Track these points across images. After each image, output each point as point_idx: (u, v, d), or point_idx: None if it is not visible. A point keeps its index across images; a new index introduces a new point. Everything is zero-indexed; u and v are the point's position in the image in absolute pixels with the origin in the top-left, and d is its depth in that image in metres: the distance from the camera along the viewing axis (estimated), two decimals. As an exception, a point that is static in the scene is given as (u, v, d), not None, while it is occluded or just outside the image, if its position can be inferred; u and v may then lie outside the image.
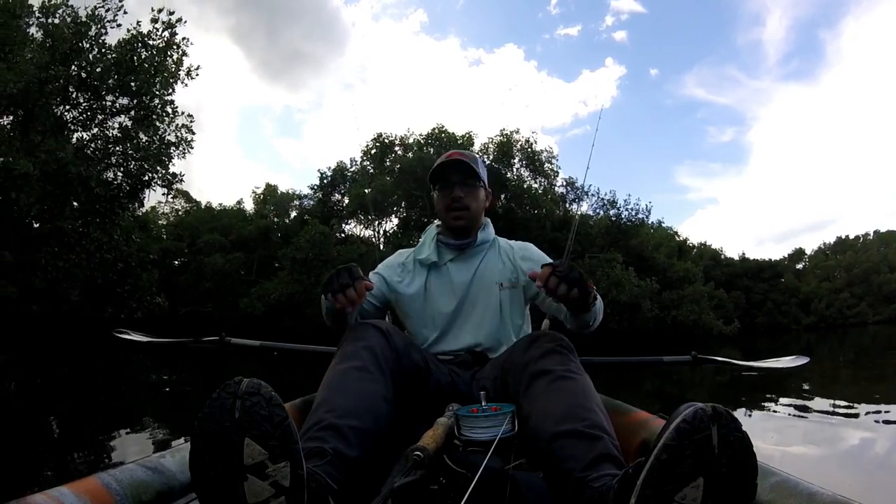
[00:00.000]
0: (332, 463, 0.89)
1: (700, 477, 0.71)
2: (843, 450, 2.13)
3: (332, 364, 1.15)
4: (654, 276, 18.95)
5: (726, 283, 32.45)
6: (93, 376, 7.12)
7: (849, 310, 36.71)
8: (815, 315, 36.42)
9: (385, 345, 1.18)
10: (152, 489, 0.86)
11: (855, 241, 44.05)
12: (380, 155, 22.97)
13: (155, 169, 14.77)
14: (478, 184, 1.57)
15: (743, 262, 36.53)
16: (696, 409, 0.72)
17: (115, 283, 15.16)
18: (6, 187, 11.72)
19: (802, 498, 0.76)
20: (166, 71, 14.12)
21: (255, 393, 0.75)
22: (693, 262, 25.64)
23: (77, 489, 0.76)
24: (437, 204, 1.59)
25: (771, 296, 35.57)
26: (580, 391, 1.05)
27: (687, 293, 19.84)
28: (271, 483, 0.74)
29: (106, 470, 0.83)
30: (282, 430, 0.74)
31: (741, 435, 0.73)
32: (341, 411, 0.99)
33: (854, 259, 39.79)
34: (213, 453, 0.74)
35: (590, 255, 19.09)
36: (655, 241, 22.27)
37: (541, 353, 1.14)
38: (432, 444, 0.93)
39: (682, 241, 30.00)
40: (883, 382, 5.63)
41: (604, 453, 0.91)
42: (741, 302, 32.64)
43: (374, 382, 1.09)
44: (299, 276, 19.24)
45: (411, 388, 1.22)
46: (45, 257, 13.03)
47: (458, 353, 1.48)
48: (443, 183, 1.55)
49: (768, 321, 34.40)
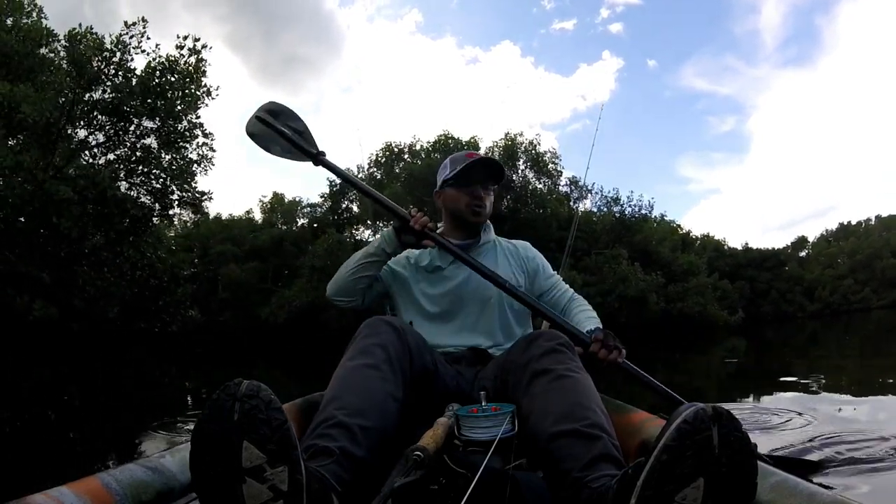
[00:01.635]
0: (340, 462, 0.86)
1: (700, 477, 0.69)
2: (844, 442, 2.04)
3: (345, 359, 1.11)
4: (659, 271, 18.92)
5: (731, 274, 31.89)
6: (147, 385, 7.15)
7: (853, 296, 35.96)
8: (819, 302, 35.74)
9: (398, 344, 1.14)
10: (152, 489, 0.83)
11: (857, 227, 43.08)
12: (389, 163, 22.95)
13: (182, 187, 14.86)
14: (496, 188, 1.56)
15: (746, 252, 35.91)
16: (696, 409, 0.69)
17: (149, 298, 15.28)
18: (48, 212, 11.85)
19: (802, 498, 0.73)
20: (192, 96, 14.22)
21: (254, 396, 0.73)
22: (697, 255, 25.43)
23: (77, 489, 0.74)
24: (456, 201, 1.53)
25: (775, 284, 34.96)
26: (580, 390, 1.01)
27: (691, 286, 19.81)
28: (269, 487, 0.72)
29: (106, 470, 0.81)
30: (280, 434, 0.72)
31: (741, 435, 0.70)
32: (351, 409, 0.95)
33: (856, 245, 38.99)
34: (212, 454, 0.72)
35: (595, 251, 18.99)
36: (659, 236, 22.01)
37: (541, 353, 1.10)
38: (432, 444, 0.90)
39: (685, 233, 29.66)
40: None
41: (603, 453, 0.88)
42: (746, 292, 32.12)
43: (385, 382, 1.05)
44: (318, 284, 19.38)
45: (419, 388, 1.19)
46: (82, 277, 13.15)
47: (460, 350, 1.44)
48: (468, 180, 1.51)
49: (773, 310, 33.81)
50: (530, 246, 1.65)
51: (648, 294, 17.75)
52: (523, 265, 1.59)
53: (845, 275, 37.10)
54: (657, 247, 20.64)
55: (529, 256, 1.61)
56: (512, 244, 1.64)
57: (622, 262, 18.05)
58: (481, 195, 1.51)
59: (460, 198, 1.52)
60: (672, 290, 19.28)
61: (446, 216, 1.59)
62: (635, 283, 17.53)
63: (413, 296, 1.53)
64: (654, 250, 20.36)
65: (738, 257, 35.05)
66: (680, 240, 25.69)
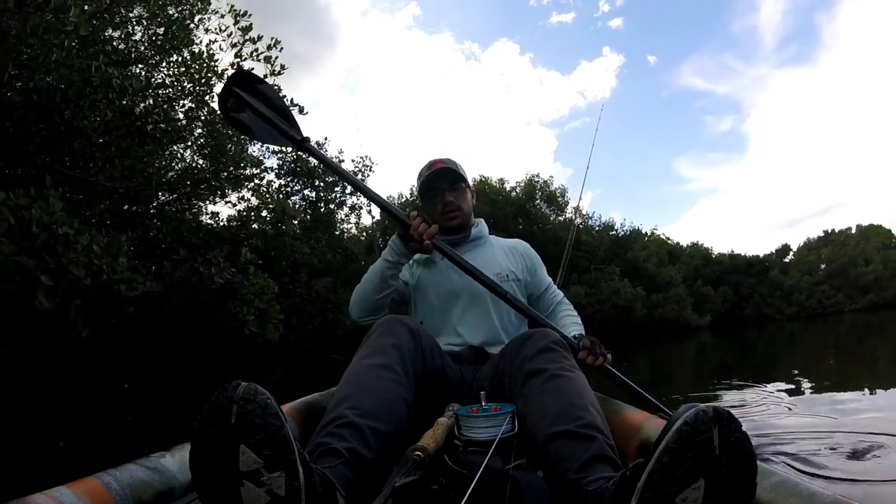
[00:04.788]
0: (348, 464, 0.80)
1: (701, 478, 0.63)
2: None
3: (359, 356, 1.03)
4: (643, 285, 21.40)
5: (717, 279, 32.16)
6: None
7: (827, 300, 35.85)
8: (796, 305, 35.57)
9: (413, 345, 1.07)
10: (152, 489, 0.78)
11: (839, 236, 42.84)
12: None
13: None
14: (464, 185, 1.51)
15: (732, 259, 35.88)
16: (697, 410, 0.63)
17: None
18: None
19: (802, 498, 0.67)
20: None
21: (251, 400, 0.67)
22: (684, 263, 28.04)
23: (77, 489, 0.69)
24: (431, 212, 1.50)
25: (759, 289, 34.84)
26: (574, 390, 0.95)
27: (670, 295, 22.44)
28: (266, 491, 0.66)
29: (106, 470, 0.76)
30: (277, 440, 0.66)
31: (742, 435, 0.65)
32: (363, 410, 0.89)
33: (834, 253, 38.84)
34: (211, 456, 0.67)
35: (594, 266, 20.90)
36: (647, 252, 24.33)
37: (534, 352, 1.04)
38: (432, 444, 0.85)
39: (674, 245, 30.81)
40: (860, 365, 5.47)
41: (598, 454, 0.82)
42: (730, 296, 32.10)
43: (398, 384, 0.98)
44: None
45: (428, 390, 1.12)
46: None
47: (461, 349, 1.39)
48: (433, 192, 1.49)
49: (756, 312, 33.72)
50: (529, 245, 1.63)
51: (634, 303, 20.04)
52: (524, 261, 1.56)
53: (822, 281, 36.98)
54: (644, 263, 23.11)
55: (530, 255, 1.59)
56: (511, 242, 1.61)
57: (615, 278, 20.31)
58: (450, 200, 1.47)
59: (433, 208, 1.49)
60: (654, 299, 21.57)
61: None
62: (624, 295, 19.69)
63: (416, 292, 1.49)
64: (641, 266, 22.82)
65: (724, 264, 35.01)
66: (666, 253, 27.06)
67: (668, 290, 22.64)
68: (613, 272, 20.70)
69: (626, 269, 21.68)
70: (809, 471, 1.59)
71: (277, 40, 6.91)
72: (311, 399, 1.26)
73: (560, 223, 21.73)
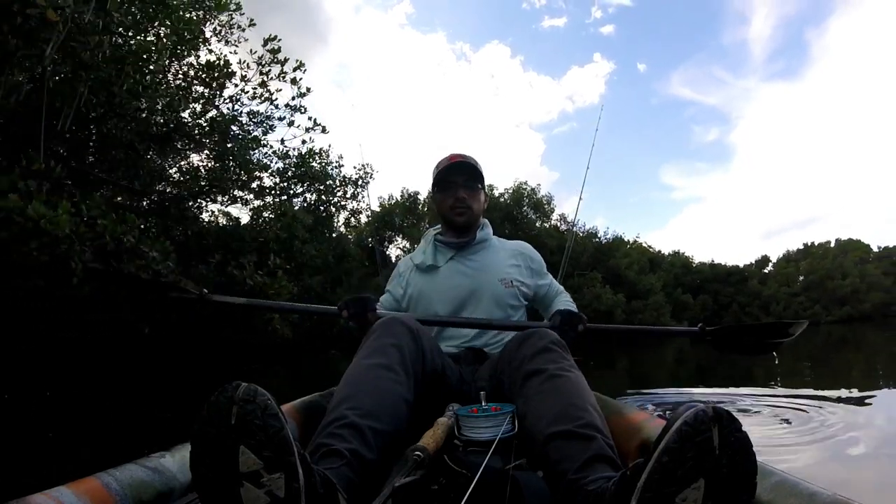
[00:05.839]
0: (350, 465, 0.78)
1: (701, 478, 0.63)
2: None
3: (359, 357, 1.02)
4: (623, 292, 21.80)
5: (697, 288, 32.50)
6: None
7: (804, 311, 36.39)
8: (774, 316, 36.07)
9: (413, 345, 1.05)
10: (152, 489, 0.76)
11: (818, 249, 43.53)
12: (410, 207, 23.01)
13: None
14: (479, 186, 1.50)
15: (713, 268, 36.36)
16: (697, 410, 0.63)
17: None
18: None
19: (802, 498, 0.67)
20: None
21: (251, 401, 0.65)
22: (665, 271, 28.72)
23: (77, 489, 0.68)
24: (440, 204, 1.50)
25: (738, 298, 35.33)
26: (573, 390, 0.94)
27: (650, 302, 23.09)
28: (266, 492, 0.64)
29: (106, 470, 0.74)
30: (276, 441, 0.64)
31: (742, 435, 0.64)
32: (364, 410, 0.87)
33: (812, 266, 39.49)
34: (211, 457, 0.65)
35: (578, 272, 21.20)
36: (629, 260, 24.67)
37: (532, 352, 1.03)
38: (432, 444, 0.84)
39: (655, 252, 31.21)
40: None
41: (598, 454, 0.80)
42: (709, 304, 32.49)
43: (398, 384, 0.96)
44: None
45: (428, 390, 1.10)
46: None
47: (460, 350, 1.38)
48: (447, 184, 1.47)
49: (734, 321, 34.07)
50: (531, 246, 1.64)
51: (615, 309, 20.43)
52: (528, 262, 1.56)
53: (799, 292, 37.54)
54: (626, 270, 23.60)
55: (533, 257, 1.60)
56: (514, 243, 1.62)
57: (597, 284, 20.70)
58: (463, 197, 1.46)
59: (443, 201, 1.48)
60: (634, 305, 22.12)
61: (439, 218, 1.55)
62: (605, 301, 20.12)
63: (415, 296, 1.48)
64: (623, 273, 23.27)
65: (704, 273, 35.47)
66: (648, 260, 27.48)
67: (647, 297, 23.16)
68: (595, 278, 21.06)
69: (607, 276, 22.08)
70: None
71: (302, 62, 7.15)
72: (311, 399, 1.24)
73: (545, 230, 22.17)
